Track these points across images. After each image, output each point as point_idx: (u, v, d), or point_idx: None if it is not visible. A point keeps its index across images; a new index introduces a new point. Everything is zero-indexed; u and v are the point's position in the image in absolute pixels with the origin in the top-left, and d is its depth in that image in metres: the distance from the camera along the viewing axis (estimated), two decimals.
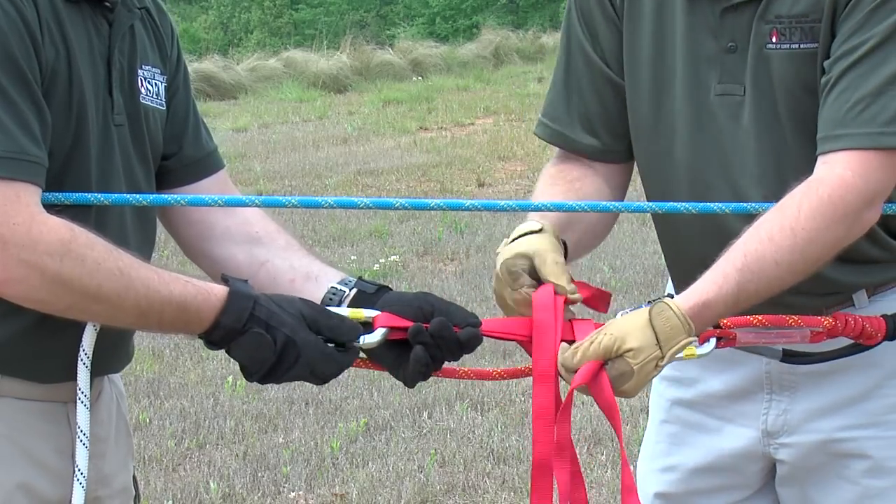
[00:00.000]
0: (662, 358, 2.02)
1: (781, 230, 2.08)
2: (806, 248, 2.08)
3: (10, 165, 1.87)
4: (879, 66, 2.12)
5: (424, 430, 5.69)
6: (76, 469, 2.03)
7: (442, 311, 2.03)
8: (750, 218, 2.15)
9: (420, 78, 21.06)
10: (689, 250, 2.38)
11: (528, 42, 25.31)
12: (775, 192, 2.21)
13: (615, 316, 2.09)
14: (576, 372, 2.03)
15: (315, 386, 6.31)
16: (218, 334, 1.97)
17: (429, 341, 2.02)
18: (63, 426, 2.10)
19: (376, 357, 2.07)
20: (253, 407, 6.02)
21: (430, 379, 6.78)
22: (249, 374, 2.01)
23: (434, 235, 9.60)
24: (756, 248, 2.07)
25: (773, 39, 2.23)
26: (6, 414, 2.05)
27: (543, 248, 2.16)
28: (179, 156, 2.27)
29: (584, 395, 2.07)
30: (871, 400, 2.35)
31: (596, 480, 5.12)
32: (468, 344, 2.03)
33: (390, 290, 2.10)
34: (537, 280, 2.15)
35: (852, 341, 2.26)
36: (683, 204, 2.14)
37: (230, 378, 6.34)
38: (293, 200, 1.96)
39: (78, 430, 2.04)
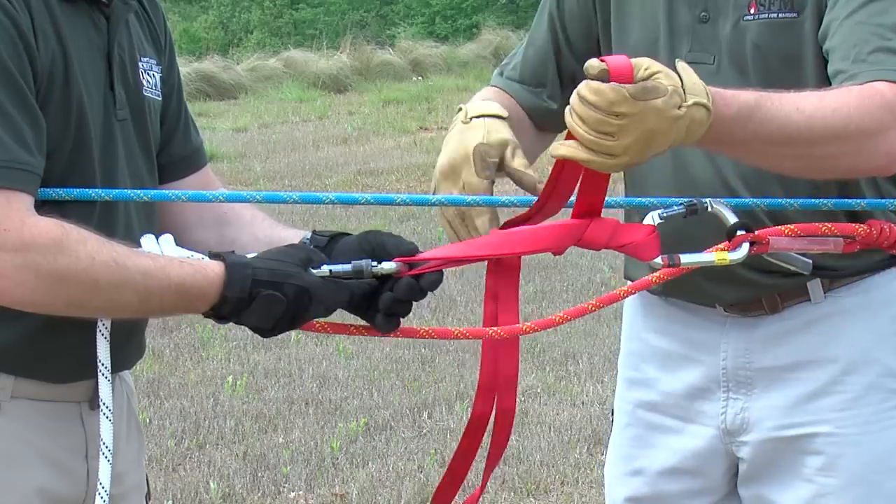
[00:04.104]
0: (685, 103, 1.82)
1: (811, 95, 2.03)
2: (830, 112, 1.99)
3: (2, 174, 1.88)
4: (889, 9, 2.12)
5: (424, 430, 5.69)
6: (99, 484, 2.02)
7: (381, 245, 2.03)
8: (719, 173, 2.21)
9: (420, 78, 21.07)
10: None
11: None
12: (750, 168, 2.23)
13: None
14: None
15: (315, 386, 6.35)
16: (226, 308, 1.96)
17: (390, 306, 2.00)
18: (77, 425, 2.11)
19: (354, 305, 2.04)
20: (253, 407, 6.02)
21: (430, 379, 6.77)
22: (263, 332, 1.99)
23: (434, 235, 9.59)
24: (783, 94, 2.01)
25: (752, 10, 2.26)
26: (22, 416, 2.05)
27: (513, 140, 2.16)
28: (169, 151, 2.27)
29: (585, 397, 2.04)
30: (828, 396, 2.35)
31: (596, 480, 5.12)
32: (431, 288, 2.01)
33: (347, 235, 2.11)
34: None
35: (882, 257, 2.23)
36: (684, 199, 2.12)
37: (230, 378, 6.33)
38: (294, 196, 1.95)
39: (101, 444, 2.03)
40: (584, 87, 1.79)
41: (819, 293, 2.34)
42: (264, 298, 1.93)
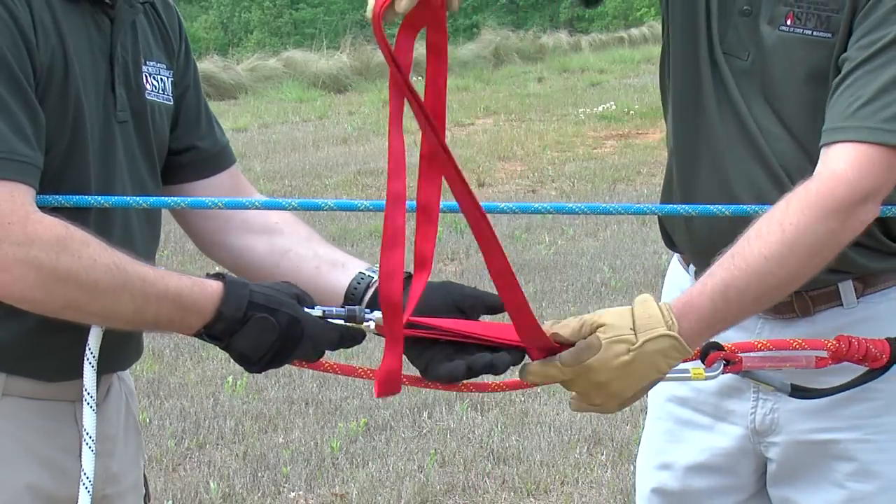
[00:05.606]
0: (635, 344, 1.92)
1: (769, 226, 2.04)
2: (795, 242, 2.02)
3: (3, 166, 1.87)
4: (888, 65, 2.11)
5: (424, 430, 5.70)
6: (82, 472, 2.02)
7: (470, 299, 2.06)
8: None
9: (420, 78, 21.04)
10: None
11: (527, 42, 25.33)
12: (761, 179, 2.25)
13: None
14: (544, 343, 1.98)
15: (315, 386, 6.36)
16: (219, 326, 1.95)
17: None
18: (70, 425, 2.10)
19: (341, 346, 2.05)
20: (253, 407, 6.02)
21: None
22: (251, 363, 1.98)
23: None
24: (744, 245, 2.03)
25: (788, 22, 2.25)
26: (14, 413, 2.05)
27: None
28: (196, 151, 2.27)
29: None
30: (858, 402, 2.35)
31: (596, 480, 5.13)
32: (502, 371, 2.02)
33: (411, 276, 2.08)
34: None
35: (859, 374, 2.23)
36: (683, 206, 2.14)
37: (230, 378, 6.34)
38: (293, 203, 1.96)
39: (84, 433, 2.03)
40: (528, 372, 1.97)
41: (852, 298, 2.35)
42: (258, 322, 1.93)
